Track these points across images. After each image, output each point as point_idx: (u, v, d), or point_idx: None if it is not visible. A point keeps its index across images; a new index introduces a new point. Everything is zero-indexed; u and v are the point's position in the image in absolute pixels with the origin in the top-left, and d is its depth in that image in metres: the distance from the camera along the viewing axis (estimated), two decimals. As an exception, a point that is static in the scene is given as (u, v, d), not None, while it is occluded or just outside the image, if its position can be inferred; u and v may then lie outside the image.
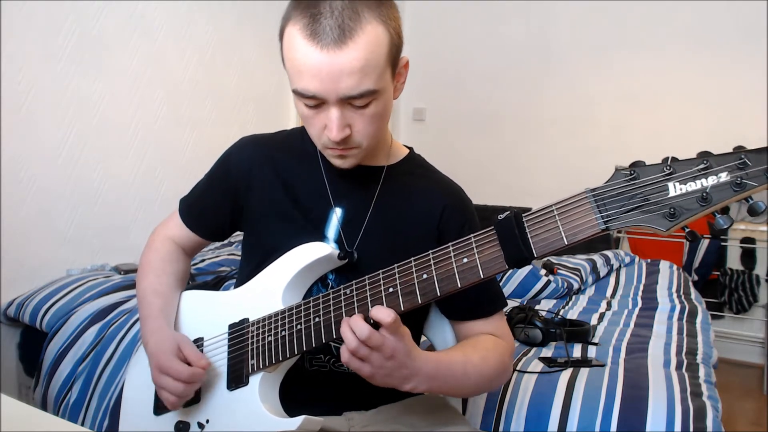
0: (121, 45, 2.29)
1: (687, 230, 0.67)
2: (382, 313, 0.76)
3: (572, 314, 2.02)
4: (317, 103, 0.84)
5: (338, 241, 0.97)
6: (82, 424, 1.54)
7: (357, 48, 0.78)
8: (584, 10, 3.59)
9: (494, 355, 0.94)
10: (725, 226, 0.65)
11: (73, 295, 1.82)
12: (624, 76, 3.51)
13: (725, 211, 0.66)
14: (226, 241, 2.57)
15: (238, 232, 1.13)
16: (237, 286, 1.04)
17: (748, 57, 3.17)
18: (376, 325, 0.79)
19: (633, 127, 3.48)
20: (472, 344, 0.95)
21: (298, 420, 0.83)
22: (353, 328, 0.77)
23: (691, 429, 1.18)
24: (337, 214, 0.98)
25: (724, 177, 0.64)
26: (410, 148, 1.09)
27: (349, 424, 0.97)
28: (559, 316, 1.78)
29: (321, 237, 0.97)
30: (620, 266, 2.70)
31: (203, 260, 2.26)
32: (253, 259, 1.02)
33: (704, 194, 0.64)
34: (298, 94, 0.84)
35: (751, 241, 3.23)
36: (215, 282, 1.99)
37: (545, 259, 2.52)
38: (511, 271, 2.22)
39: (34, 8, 1.97)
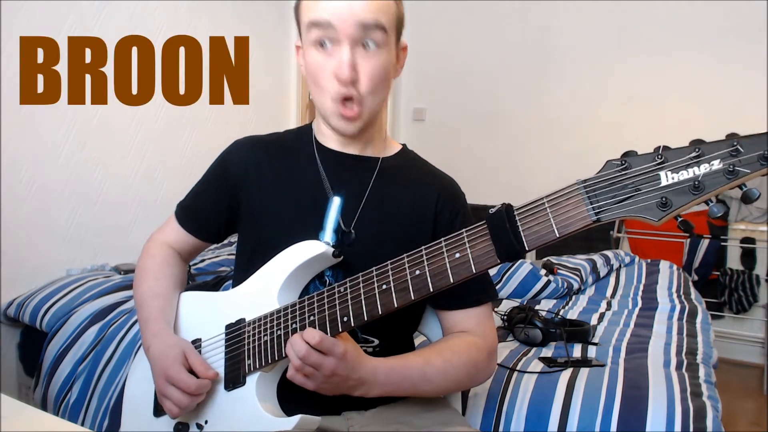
0: (121, 45, 2.29)
1: (680, 220, 0.66)
2: (309, 335, 0.79)
3: (572, 314, 2.02)
4: (329, 37, 0.90)
5: (337, 230, 0.98)
6: (82, 424, 1.54)
7: None
8: (584, 11, 3.59)
9: (463, 358, 0.95)
10: (719, 214, 0.64)
11: (73, 295, 1.82)
12: (624, 76, 3.51)
13: (721, 200, 0.65)
14: (225, 241, 2.57)
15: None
16: (234, 285, 1.05)
17: (748, 57, 3.17)
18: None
19: (633, 127, 3.48)
20: (438, 348, 0.97)
21: (295, 419, 0.83)
22: (293, 347, 0.80)
23: (691, 429, 1.18)
24: (335, 203, 0.99)
25: (716, 165, 0.62)
26: (403, 145, 1.11)
27: (348, 424, 0.97)
28: (559, 316, 1.78)
29: (319, 228, 0.98)
30: (620, 266, 2.70)
31: (203, 260, 2.26)
32: (252, 258, 1.02)
33: (696, 182, 0.63)
34: (313, 25, 0.90)
35: (751, 241, 3.23)
36: (215, 282, 1.99)
37: (545, 259, 2.53)
38: (510, 270, 2.23)
39: (34, 8, 1.97)
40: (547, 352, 1.58)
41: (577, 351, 1.60)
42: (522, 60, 3.81)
